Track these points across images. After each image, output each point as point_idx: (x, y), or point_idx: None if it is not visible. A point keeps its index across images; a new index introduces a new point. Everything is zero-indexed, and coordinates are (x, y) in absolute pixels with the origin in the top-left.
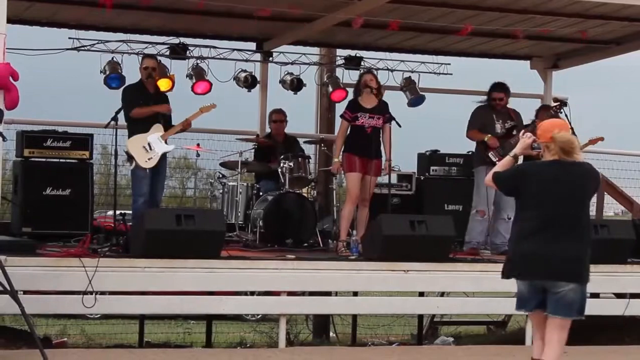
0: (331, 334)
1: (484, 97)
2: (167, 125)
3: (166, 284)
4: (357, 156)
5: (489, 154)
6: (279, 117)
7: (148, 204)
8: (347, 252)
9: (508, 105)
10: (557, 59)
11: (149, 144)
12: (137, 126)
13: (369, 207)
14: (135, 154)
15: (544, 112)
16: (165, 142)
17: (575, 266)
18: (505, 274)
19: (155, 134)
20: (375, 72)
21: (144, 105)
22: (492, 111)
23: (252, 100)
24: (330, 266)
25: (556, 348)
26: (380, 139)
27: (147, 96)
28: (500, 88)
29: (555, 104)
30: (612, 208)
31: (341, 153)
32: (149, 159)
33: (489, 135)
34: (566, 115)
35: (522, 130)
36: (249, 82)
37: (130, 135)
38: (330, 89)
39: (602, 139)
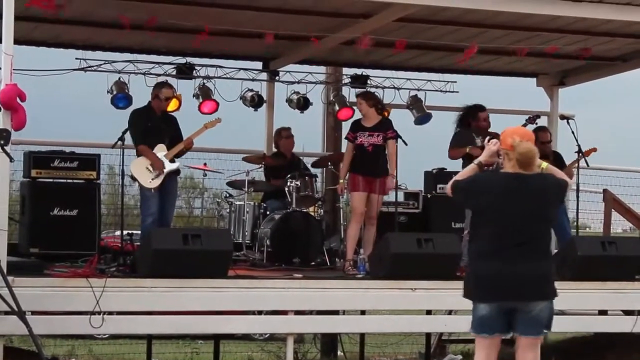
0: (339, 352)
1: (461, 119)
2: (174, 144)
3: (173, 303)
4: (361, 175)
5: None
6: (288, 133)
7: (157, 223)
8: (354, 271)
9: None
10: (563, 76)
11: (152, 165)
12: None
13: (376, 225)
14: (138, 175)
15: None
16: (171, 161)
17: (544, 284)
18: (470, 295)
19: (158, 154)
20: (368, 92)
21: (152, 130)
22: (472, 131)
23: (258, 120)
24: (338, 285)
25: None
26: (386, 156)
27: (155, 119)
28: (483, 108)
29: (530, 115)
30: (620, 225)
31: (347, 174)
32: (152, 180)
33: (470, 146)
34: (573, 133)
35: (487, 137)
36: (256, 102)
37: (138, 156)
38: (337, 108)
39: (595, 149)
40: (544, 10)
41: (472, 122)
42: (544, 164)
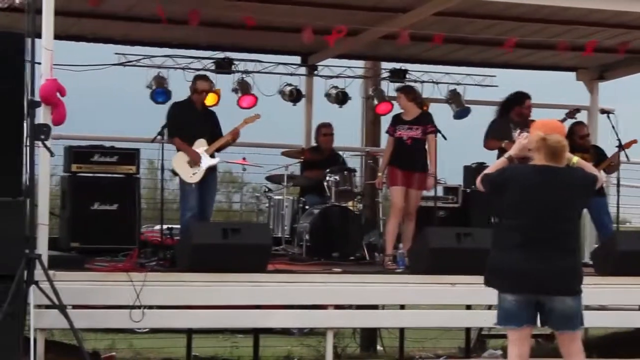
0: (378, 347)
1: (504, 107)
2: (214, 139)
3: (213, 297)
4: (400, 169)
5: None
6: (328, 130)
7: (196, 218)
8: (393, 266)
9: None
10: (602, 70)
11: (189, 159)
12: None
13: (415, 221)
14: (179, 170)
15: (576, 128)
16: (212, 156)
17: (570, 279)
18: (496, 285)
19: (199, 149)
20: (407, 86)
21: (192, 125)
22: (510, 122)
23: (297, 114)
24: (377, 279)
25: (583, 358)
26: (426, 151)
27: (195, 114)
28: (529, 96)
29: (570, 110)
30: None
31: (386, 167)
32: (193, 174)
33: (506, 141)
34: (613, 127)
35: (518, 131)
36: (294, 96)
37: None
38: (376, 102)
39: (635, 141)
40: (582, 4)
41: (516, 108)
42: (575, 159)
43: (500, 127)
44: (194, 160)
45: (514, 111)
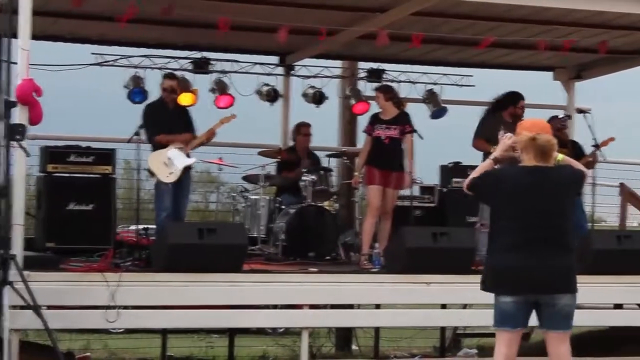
0: (354, 346)
1: (495, 107)
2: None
3: (188, 298)
4: (377, 169)
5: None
6: (307, 130)
7: (172, 218)
8: (369, 265)
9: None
10: (580, 70)
11: (169, 159)
12: (155, 144)
13: (391, 220)
14: (155, 169)
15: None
16: (188, 156)
17: (569, 277)
18: (493, 289)
19: (176, 149)
20: (386, 86)
21: (165, 124)
22: (502, 122)
23: (274, 114)
24: (353, 279)
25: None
26: (402, 151)
27: (168, 113)
28: (522, 97)
29: (562, 116)
30: (636, 219)
31: (363, 167)
32: (170, 174)
33: (494, 147)
34: (589, 126)
35: (502, 131)
36: (272, 96)
37: (153, 150)
38: (353, 102)
39: (613, 139)
40: (560, 4)
41: (510, 108)
42: (560, 156)
43: (492, 126)
44: (187, 141)
45: (507, 111)
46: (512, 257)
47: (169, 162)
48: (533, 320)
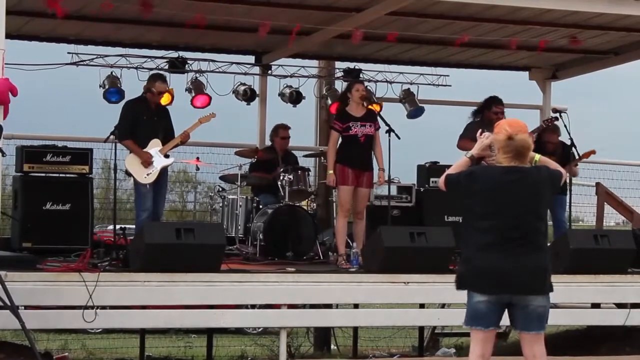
0: (332, 346)
1: (476, 110)
2: (168, 138)
3: (166, 297)
4: (350, 168)
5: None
6: (286, 134)
7: (151, 218)
8: (347, 265)
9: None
10: (555, 70)
11: (142, 161)
12: (136, 142)
13: (367, 219)
14: (133, 170)
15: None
16: (165, 156)
17: (543, 278)
18: (467, 286)
19: (153, 149)
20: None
21: (146, 123)
22: (485, 125)
23: (251, 114)
24: (331, 279)
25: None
26: (372, 149)
27: (149, 112)
28: (499, 101)
29: (548, 118)
30: (613, 218)
31: (335, 165)
32: (147, 175)
33: None
34: (565, 126)
35: (480, 130)
36: (248, 95)
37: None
38: (330, 102)
39: (594, 152)
40: (534, 4)
41: (486, 112)
42: (537, 156)
43: (477, 127)
44: (147, 162)
45: (491, 111)
46: (486, 256)
47: (145, 164)
48: (508, 320)
